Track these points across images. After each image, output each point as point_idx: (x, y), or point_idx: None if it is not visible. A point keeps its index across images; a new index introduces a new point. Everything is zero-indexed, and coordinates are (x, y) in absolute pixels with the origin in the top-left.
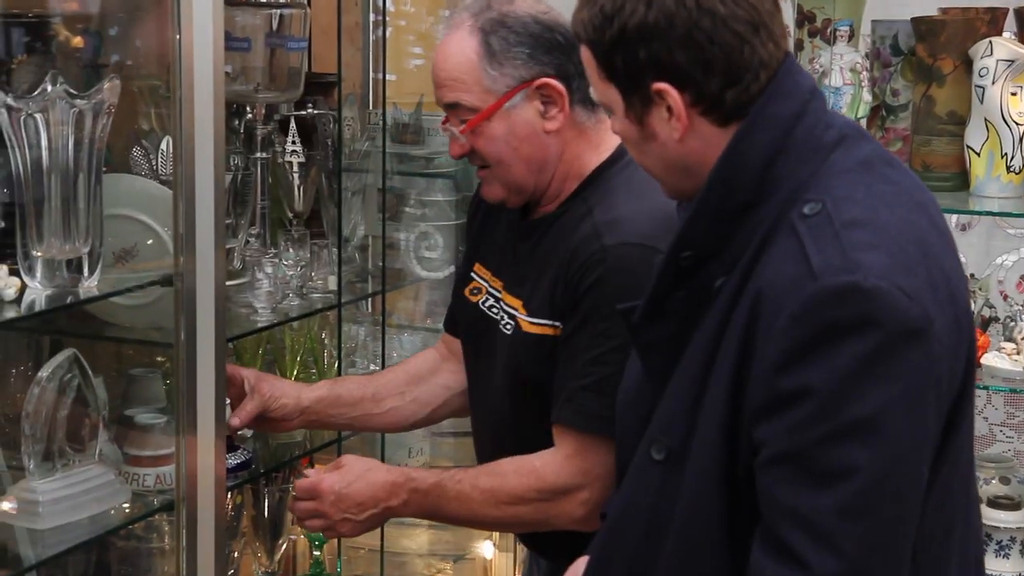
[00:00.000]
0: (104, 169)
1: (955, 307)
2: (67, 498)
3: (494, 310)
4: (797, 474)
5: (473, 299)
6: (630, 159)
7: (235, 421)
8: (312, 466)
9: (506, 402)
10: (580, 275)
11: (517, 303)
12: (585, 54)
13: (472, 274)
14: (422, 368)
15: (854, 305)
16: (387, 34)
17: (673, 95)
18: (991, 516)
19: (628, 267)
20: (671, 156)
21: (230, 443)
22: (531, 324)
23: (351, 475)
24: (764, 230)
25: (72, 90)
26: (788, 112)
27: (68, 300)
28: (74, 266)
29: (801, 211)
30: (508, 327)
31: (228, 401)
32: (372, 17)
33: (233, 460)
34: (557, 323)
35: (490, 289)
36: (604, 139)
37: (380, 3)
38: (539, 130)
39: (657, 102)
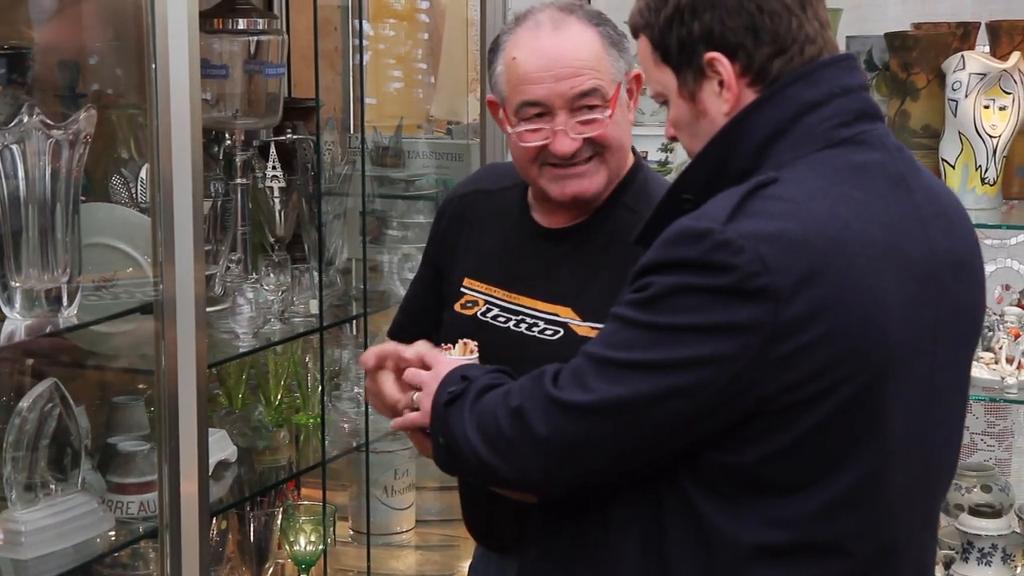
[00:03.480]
0: (84, 198)
1: (853, 319)
2: (50, 527)
3: (502, 319)
4: (604, 331)
5: (468, 312)
6: (644, 164)
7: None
8: (298, 489)
9: None
10: None
11: (561, 310)
12: (641, 45)
13: (462, 289)
14: None
15: (701, 248)
16: (366, 59)
17: (724, 63)
18: (972, 524)
19: None
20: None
21: None
22: (593, 329)
23: None
24: None
25: (48, 120)
26: (807, 98)
27: (48, 330)
28: (53, 296)
29: (754, 177)
30: (550, 333)
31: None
32: (352, 42)
33: None
34: None
35: (492, 300)
36: None
37: (359, 28)
38: (628, 121)
39: (709, 75)
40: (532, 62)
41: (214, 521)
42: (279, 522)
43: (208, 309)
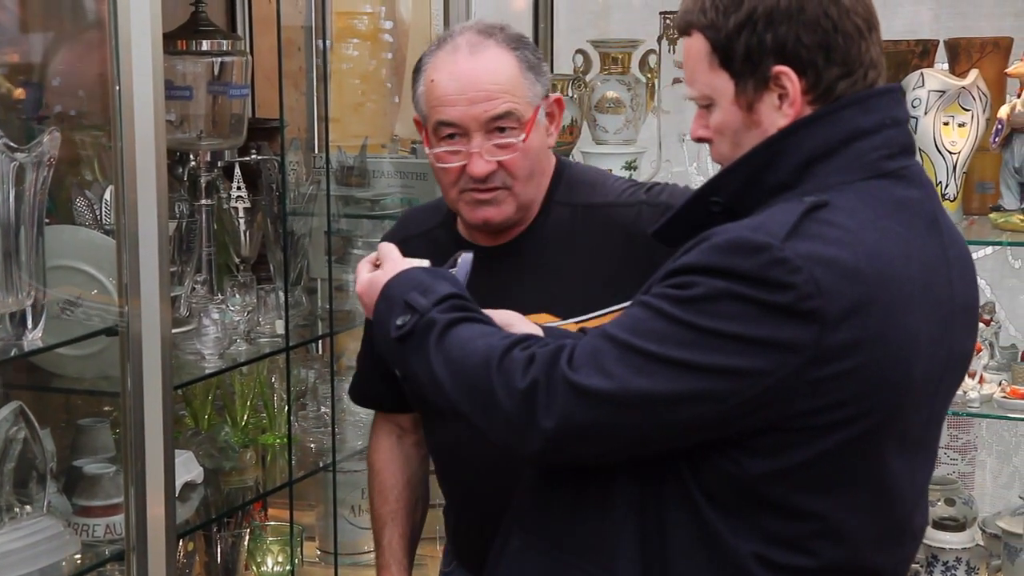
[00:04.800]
0: (48, 220)
1: (889, 355)
2: (16, 551)
3: None
4: (632, 316)
5: None
6: (567, 161)
7: None
8: (265, 509)
9: None
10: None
11: (539, 317)
12: (695, 44)
13: None
14: (405, 467)
15: (757, 262)
16: (330, 78)
17: (792, 79)
18: (937, 538)
19: None
20: None
21: None
22: (578, 324)
23: None
24: None
25: (11, 143)
26: (859, 125)
27: (12, 353)
28: (18, 319)
29: (803, 198)
30: None
31: None
32: (315, 62)
33: None
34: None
35: None
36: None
37: (323, 48)
38: (546, 145)
39: (771, 88)
40: (448, 84)
41: (181, 543)
42: (246, 543)
43: (174, 330)
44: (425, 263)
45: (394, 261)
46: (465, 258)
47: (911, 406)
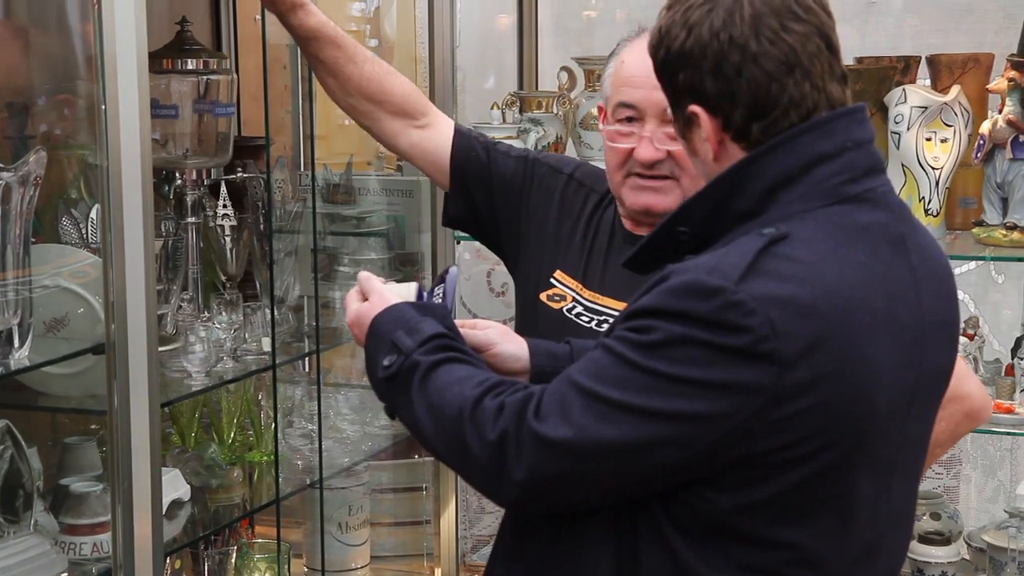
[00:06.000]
0: (34, 239)
1: (849, 388)
2: (2, 570)
3: (586, 319)
4: (596, 361)
5: (554, 306)
6: None
7: None
8: (252, 527)
9: None
10: None
11: None
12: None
13: (552, 280)
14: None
15: (712, 305)
16: (315, 96)
17: (704, 118)
18: (922, 552)
19: None
20: (711, 173)
21: None
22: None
23: None
24: None
25: None
26: (819, 150)
27: None
28: (4, 337)
29: (762, 230)
30: None
31: None
32: (301, 80)
33: None
34: None
35: (578, 298)
36: None
37: (308, 66)
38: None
39: (696, 123)
40: (636, 67)
41: (168, 561)
42: (233, 560)
43: (160, 348)
44: (412, 290)
45: (379, 293)
46: (452, 273)
47: (877, 433)
